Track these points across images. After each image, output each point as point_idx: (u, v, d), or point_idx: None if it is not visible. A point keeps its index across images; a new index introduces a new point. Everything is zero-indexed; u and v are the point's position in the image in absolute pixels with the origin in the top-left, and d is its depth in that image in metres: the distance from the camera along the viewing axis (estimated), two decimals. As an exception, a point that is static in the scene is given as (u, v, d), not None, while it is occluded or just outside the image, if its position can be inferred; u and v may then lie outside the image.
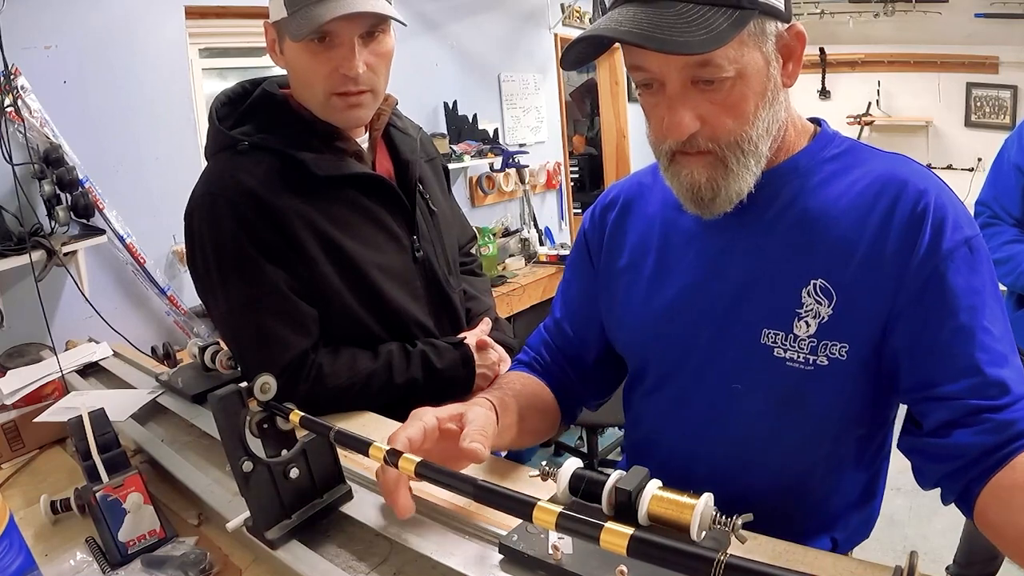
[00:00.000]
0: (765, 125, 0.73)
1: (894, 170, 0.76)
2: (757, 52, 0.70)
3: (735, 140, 0.72)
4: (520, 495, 0.57)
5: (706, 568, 0.45)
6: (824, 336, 0.74)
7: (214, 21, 2.53)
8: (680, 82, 0.70)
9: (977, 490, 0.65)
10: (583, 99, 5.95)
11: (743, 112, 0.71)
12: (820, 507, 0.84)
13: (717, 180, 0.74)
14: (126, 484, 0.83)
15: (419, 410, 0.76)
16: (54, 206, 1.97)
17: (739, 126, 0.72)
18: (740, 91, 0.70)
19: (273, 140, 1.04)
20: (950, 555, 2.03)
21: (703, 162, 0.74)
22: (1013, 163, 1.71)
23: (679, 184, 0.76)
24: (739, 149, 0.72)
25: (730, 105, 0.70)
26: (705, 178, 0.74)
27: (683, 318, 0.83)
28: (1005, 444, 0.64)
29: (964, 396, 0.67)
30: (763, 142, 0.74)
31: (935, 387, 0.69)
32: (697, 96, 0.70)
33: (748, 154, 0.73)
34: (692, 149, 0.73)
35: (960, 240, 0.70)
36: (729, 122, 0.71)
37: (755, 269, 0.78)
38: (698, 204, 0.76)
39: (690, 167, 0.74)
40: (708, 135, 0.72)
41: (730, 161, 0.73)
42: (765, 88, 0.72)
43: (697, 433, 0.85)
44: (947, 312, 0.69)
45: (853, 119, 4.75)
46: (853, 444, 0.83)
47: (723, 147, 0.72)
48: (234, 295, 1.03)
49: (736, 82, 0.69)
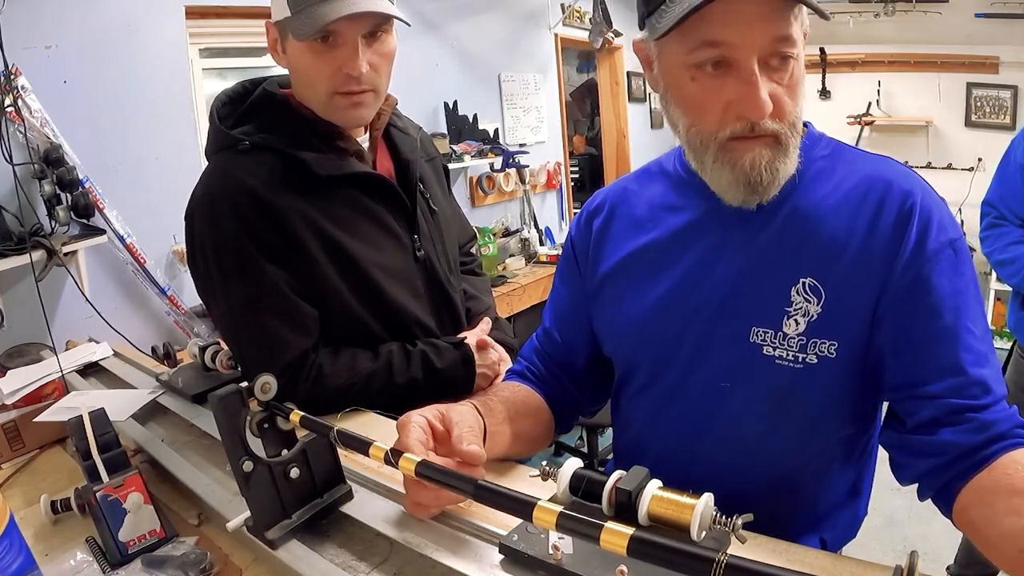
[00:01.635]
0: (801, 109, 0.75)
1: (879, 171, 0.77)
2: (802, 35, 0.71)
3: (793, 121, 0.73)
4: (520, 495, 0.57)
5: (706, 568, 0.45)
6: (813, 334, 0.74)
7: (214, 21, 2.53)
8: (757, 60, 0.69)
9: (957, 488, 0.66)
10: (583, 99, 5.96)
11: (799, 94, 0.73)
12: (809, 505, 0.85)
13: (776, 162, 0.74)
14: (126, 484, 0.83)
15: (405, 417, 0.76)
16: (54, 206, 1.97)
17: (796, 107, 0.73)
18: (799, 72, 0.72)
19: (274, 140, 1.04)
20: (950, 555, 2.03)
21: (765, 143, 0.73)
22: (1019, 163, 1.71)
23: (736, 171, 0.74)
24: (795, 130, 0.74)
25: (791, 86, 0.72)
26: (766, 160, 0.73)
27: (672, 316, 0.84)
28: (987, 444, 0.65)
29: (948, 395, 0.68)
30: (800, 124, 0.76)
31: (919, 386, 0.70)
32: (767, 76, 0.70)
33: (798, 136, 0.75)
34: (757, 132, 0.72)
35: (945, 242, 0.72)
36: (791, 103, 0.72)
37: (745, 267, 0.79)
38: (754, 189, 0.75)
39: (754, 150, 0.73)
40: (776, 115, 0.72)
41: (789, 143, 0.74)
42: (804, 73, 0.74)
43: (686, 432, 0.85)
44: (932, 312, 0.70)
45: (853, 119, 4.74)
46: (841, 442, 0.83)
47: (787, 127, 0.73)
48: (235, 295, 1.03)
49: (796, 63, 0.71)
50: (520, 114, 4.06)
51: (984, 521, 0.63)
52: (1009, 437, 0.65)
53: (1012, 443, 0.65)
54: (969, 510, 0.65)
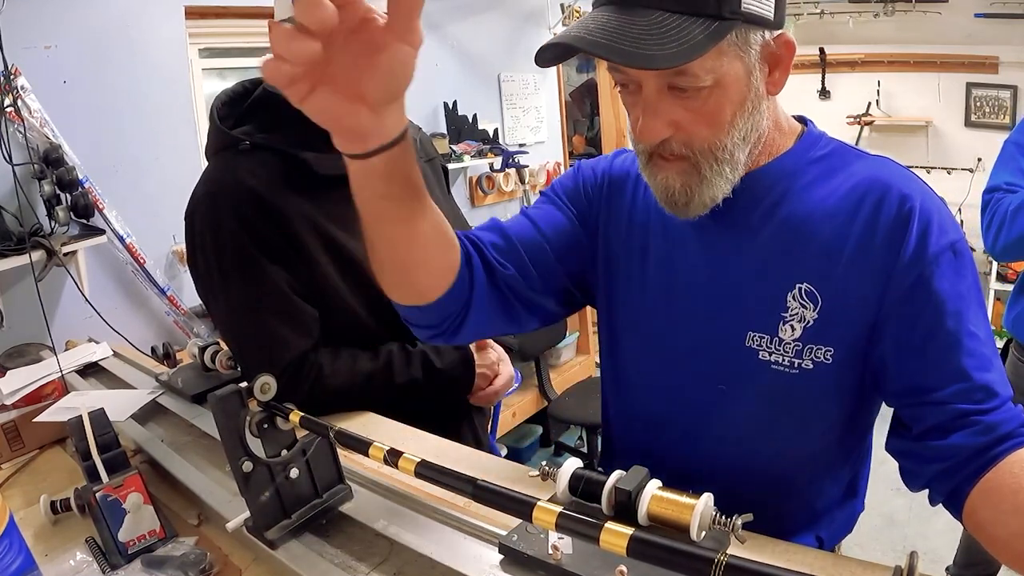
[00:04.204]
0: (742, 134, 0.72)
1: (877, 173, 0.75)
2: (738, 62, 0.68)
3: (709, 148, 0.71)
4: (520, 495, 0.57)
5: (706, 568, 0.45)
6: (809, 340, 0.74)
7: (214, 21, 2.53)
8: (655, 88, 0.69)
9: (966, 491, 0.66)
10: (583, 99, 5.95)
11: (719, 121, 0.70)
12: (805, 506, 0.85)
13: (691, 186, 0.73)
14: (126, 484, 0.83)
15: None
16: (54, 206, 1.96)
17: (714, 134, 0.70)
18: (717, 100, 0.69)
19: (274, 139, 1.04)
20: (950, 555, 2.03)
21: (677, 168, 0.73)
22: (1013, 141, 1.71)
23: (655, 185, 0.76)
24: (713, 157, 0.71)
25: (706, 113, 0.69)
26: (679, 184, 0.73)
27: (668, 318, 0.83)
28: (993, 445, 0.65)
29: (953, 401, 0.68)
30: (739, 150, 0.72)
31: (924, 392, 0.70)
32: (672, 102, 0.69)
33: (723, 162, 0.72)
34: (667, 153, 0.72)
35: (946, 244, 0.71)
36: (704, 130, 0.70)
37: (740, 271, 0.78)
38: (672, 207, 0.75)
39: (665, 172, 0.74)
40: (682, 141, 0.71)
41: (704, 168, 0.72)
42: (744, 97, 0.70)
43: (683, 434, 0.85)
44: (934, 317, 0.69)
45: (853, 119, 4.74)
46: (837, 444, 0.83)
47: (697, 154, 0.71)
48: (235, 295, 1.03)
49: (713, 91, 0.68)
50: (520, 114, 4.05)
51: (991, 521, 0.63)
52: (1015, 436, 0.65)
53: (1018, 442, 0.64)
54: (977, 512, 0.65)
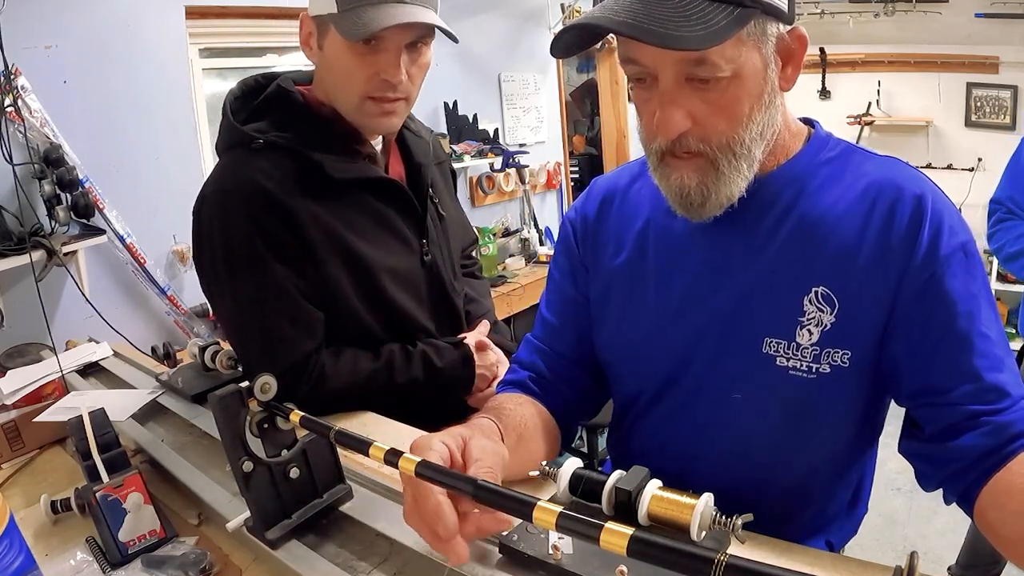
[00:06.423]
0: (759, 128, 0.71)
1: (889, 174, 0.75)
2: (756, 53, 0.68)
3: (727, 142, 0.70)
4: (520, 495, 0.57)
5: (706, 568, 0.45)
6: (827, 344, 0.73)
7: (214, 21, 2.53)
8: (674, 78, 0.68)
9: (977, 491, 0.65)
10: (583, 99, 5.94)
11: (737, 114, 0.69)
12: (818, 512, 0.84)
13: (707, 184, 0.72)
14: (126, 484, 0.83)
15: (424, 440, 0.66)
16: (54, 206, 1.97)
17: (732, 128, 0.69)
18: (735, 92, 0.68)
19: (288, 138, 1.03)
20: (950, 555, 2.03)
21: (693, 166, 0.71)
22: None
23: (668, 186, 0.74)
24: (731, 152, 0.70)
25: (724, 106, 0.68)
26: (695, 182, 0.72)
27: (681, 328, 0.81)
28: (1004, 445, 0.64)
29: (964, 402, 0.67)
30: (756, 146, 0.72)
31: (936, 393, 0.69)
32: (690, 94, 0.68)
33: (740, 157, 0.71)
34: (682, 150, 0.71)
35: (957, 245, 0.70)
36: (722, 123, 0.69)
37: (755, 277, 0.77)
38: (687, 208, 0.74)
39: (680, 171, 0.72)
40: (699, 135, 0.70)
41: (721, 164, 0.71)
42: (762, 90, 0.70)
43: (694, 443, 0.84)
44: (946, 318, 0.69)
45: (853, 119, 4.73)
46: (849, 448, 0.83)
47: (714, 149, 0.70)
48: (241, 292, 1.02)
49: (732, 82, 0.67)
50: (520, 114, 4.06)
51: (1000, 521, 0.63)
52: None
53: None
54: (987, 512, 0.65)
